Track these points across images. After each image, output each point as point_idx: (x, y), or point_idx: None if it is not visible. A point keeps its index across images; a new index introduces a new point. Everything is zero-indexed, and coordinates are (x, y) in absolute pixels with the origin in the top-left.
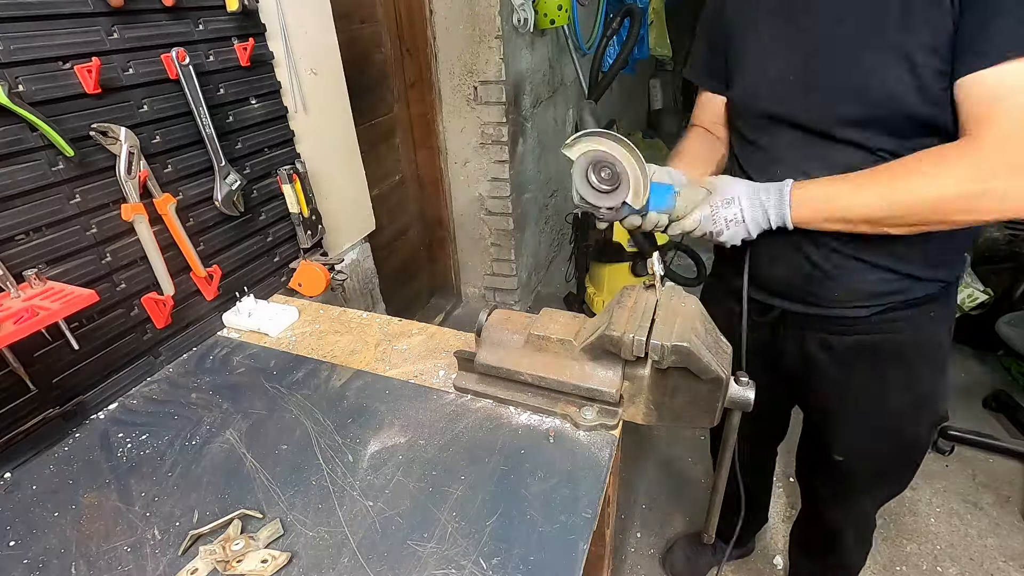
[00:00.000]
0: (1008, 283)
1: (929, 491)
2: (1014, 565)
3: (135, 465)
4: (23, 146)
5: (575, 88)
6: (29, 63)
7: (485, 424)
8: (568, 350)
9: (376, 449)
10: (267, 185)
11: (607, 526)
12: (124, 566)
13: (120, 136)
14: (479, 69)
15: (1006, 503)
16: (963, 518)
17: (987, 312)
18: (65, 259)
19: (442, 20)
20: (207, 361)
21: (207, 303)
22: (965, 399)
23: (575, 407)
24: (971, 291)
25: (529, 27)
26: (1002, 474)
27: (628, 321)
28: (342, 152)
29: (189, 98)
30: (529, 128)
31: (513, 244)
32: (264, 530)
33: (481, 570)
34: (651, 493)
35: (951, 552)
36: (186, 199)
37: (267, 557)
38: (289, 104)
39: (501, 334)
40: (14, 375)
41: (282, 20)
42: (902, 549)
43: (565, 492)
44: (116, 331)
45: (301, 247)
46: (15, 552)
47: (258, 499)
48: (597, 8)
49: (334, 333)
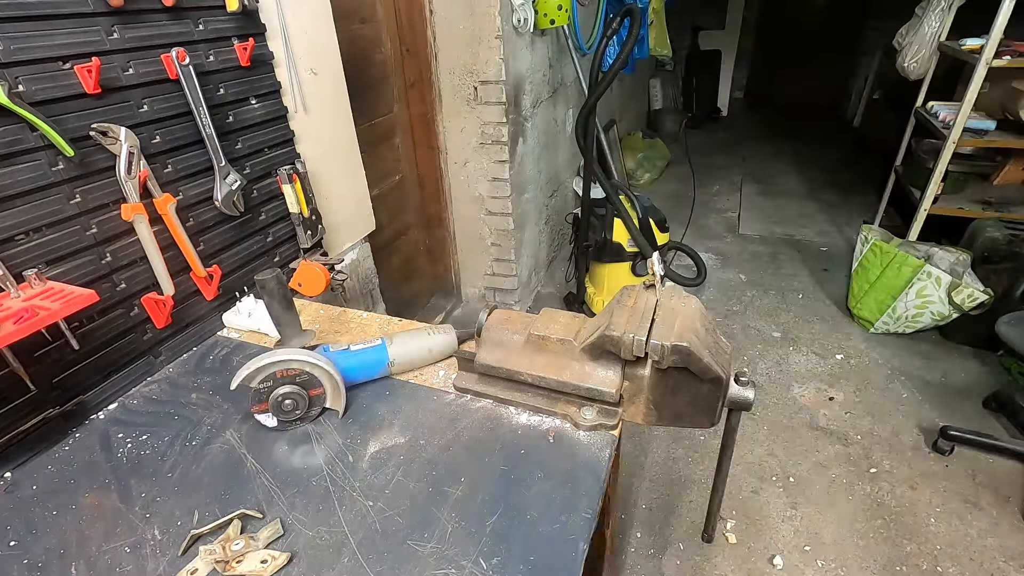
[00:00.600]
0: (1008, 283)
1: (929, 491)
2: (1014, 565)
3: (135, 465)
4: (23, 146)
5: (575, 88)
6: (29, 63)
7: (485, 424)
8: (568, 350)
9: (376, 449)
10: (267, 185)
11: (607, 526)
12: (124, 566)
13: (120, 136)
14: (479, 69)
15: (1006, 503)
16: (963, 518)
17: (987, 312)
18: (65, 259)
19: (442, 20)
20: (207, 361)
21: (207, 303)
22: (965, 399)
23: (575, 407)
24: (971, 291)
25: (529, 27)
26: (1002, 474)
27: (628, 321)
28: (342, 152)
29: (189, 98)
30: (529, 128)
31: (513, 244)
32: (264, 530)
33: (481, 570)
34: (651, 493)
35: (951, 552)
36: (186, 199)
37: (267, 557)
38: (289, 104)
39: (501, 334)
40: (14, 375)
41: (282, 20)
42: (902, 549)
43: (565, 492)
44: (116, 331)
45: (301, 247)
46: (15, 552)
47: (258, 499)
48: (597, 8)
49: (334, 333)
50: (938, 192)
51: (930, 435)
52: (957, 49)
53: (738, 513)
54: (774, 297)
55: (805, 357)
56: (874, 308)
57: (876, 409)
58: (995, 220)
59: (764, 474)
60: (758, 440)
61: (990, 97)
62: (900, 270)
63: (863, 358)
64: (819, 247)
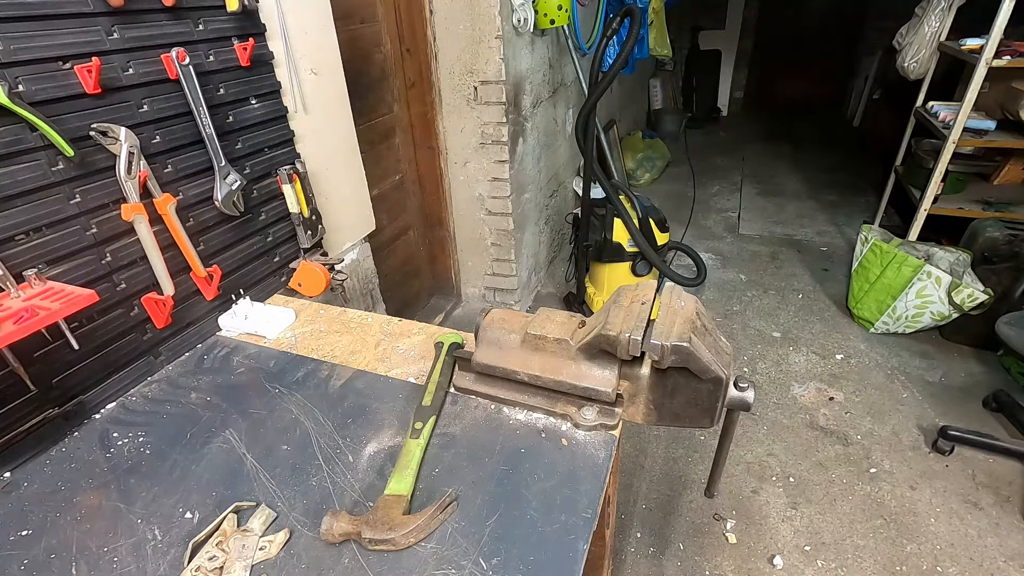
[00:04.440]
0: (1008, 283)
1: (929, 491)
2: (1014, 565)
3: (135, 465)
4: (23, 146)
5: (575, 88)
6: (29, 63)
7: (485, 424)
8: (564, 349)
9: (376, 449)
10: (267, 185)
11: (607, 526)
12: (124, 566)
13: (120, 136)
14: (479, 69)
15: (1006, 503)
16: (963, 518)
17: (987, 312)
18: (65, 259)
19: (442, 20)
20: (207, 361)
21: (207, 303)
22: (965, 399)
23: (575, 407)
24: (971, 291)
25: (529, 27)
26: (1002, 474)
27: (624, 321)
28: (342, 152)
29: (189, 98)
30: (529, 128)
31: (513, 244)
32: (254, 519)
33: (481, 570)
34: (651, 493)
35: (951, 552)
36: (186, 199)
37: (264, 544)
38: (289, 104)
39: (498, 333)
40: (14, 375)
41: (282, 20)
42: (902, 549)
43: (565, 492)
44: (116, 331)
45: (301, 247)
46: (15, 552)
47: (258, 499)
48: (597, 8)
49: (334, 333)
50: (938, 192)
51: (930, 435)
52: (957, 49)
53: (738, 513)
54: (774, 297)
55: (805, 357)
56: (874, 308)
57: (876, 409)
58: (995, 220)
59: (764, 474)
60: (758, 440)
61: (990, 97)
62: (900, 270)
63: (863, 358)
64: (819, 247)
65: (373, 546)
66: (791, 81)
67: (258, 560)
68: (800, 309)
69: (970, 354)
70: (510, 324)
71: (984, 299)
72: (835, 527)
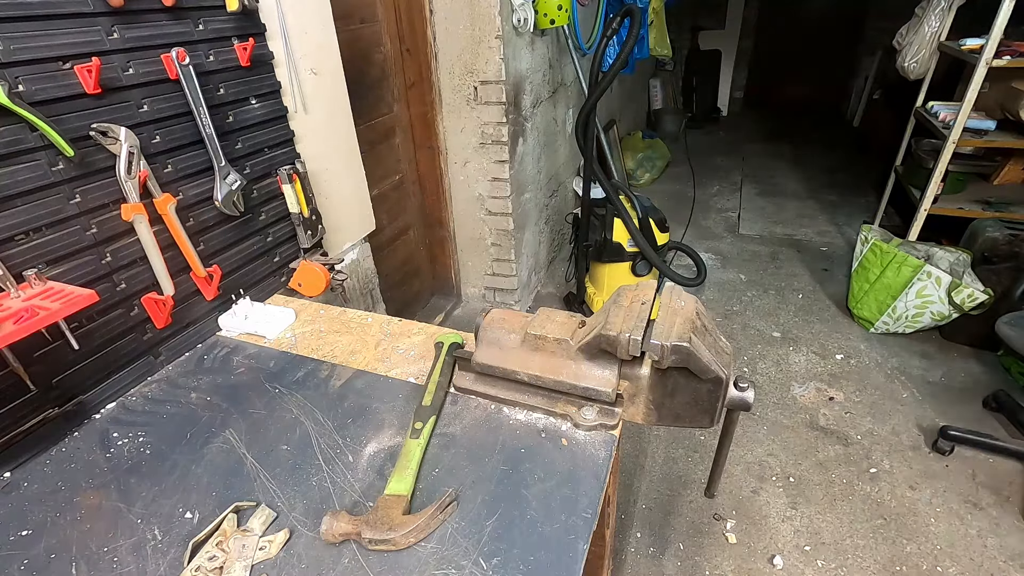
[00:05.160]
0: (1008, 283)
1: (929, 491)
2: (1014, 565)
3: (135, 465)
4: (23, 146)
5: (575, 88)
6: (29, 63)
7: (485, 424)
8: (564, 349)
9: (376, 449)
10: (267, 185)
11: (607, 526)
12: (124, 566)
13: (120, 136)
14: (479, 69)
15: (1006, 503)
16: (963, 518)
17: (987, 312)
18: (65, 259)
19: (442, 20)
20: (207, 361)
21: (207, 303)
22: (965, 399)
23: (575, 407)
24: (971, 291)
25: (529, 27)
26: (1002, 474)
27: (624, 321)
28: (342, 152)
29: (189, 98)
30: (529, 128)
31: (513, 244)
32: (254, 519)
33: (481, 570)
34: (651, 493)
35: (951, 552)
36: (186, 199)
37: (264, 544)
38: (289, 104)
39: (498, 333)
40: (14, 375)
41: (282, 20)
42: (902, 549)
43: (565, 492)
44: (116, 331)
45: (301, 247)
46: (15, 552)
47: (258, 499)
48: (597, 8)
49: (334, 333)
50: (938, 192)
51: (930, 435)
52: (957, 49)
53: (738, 513)
54: (774, 297)
55: (805, 357)
56: (874, 308)
57: (876, 409)
58: (995, 220)
59: (764, 474)
60: (758, 440)
61: (990, 97)
62: (900, 270)
63: (863, 358)
64: (819, 247)
65: (373, 546)
66: (791, 81)
67: (258, 560)
68: (800, 309)
69: (970, 354)
70: (510, 324)
71: (984, 299)
72: (835, 527)
